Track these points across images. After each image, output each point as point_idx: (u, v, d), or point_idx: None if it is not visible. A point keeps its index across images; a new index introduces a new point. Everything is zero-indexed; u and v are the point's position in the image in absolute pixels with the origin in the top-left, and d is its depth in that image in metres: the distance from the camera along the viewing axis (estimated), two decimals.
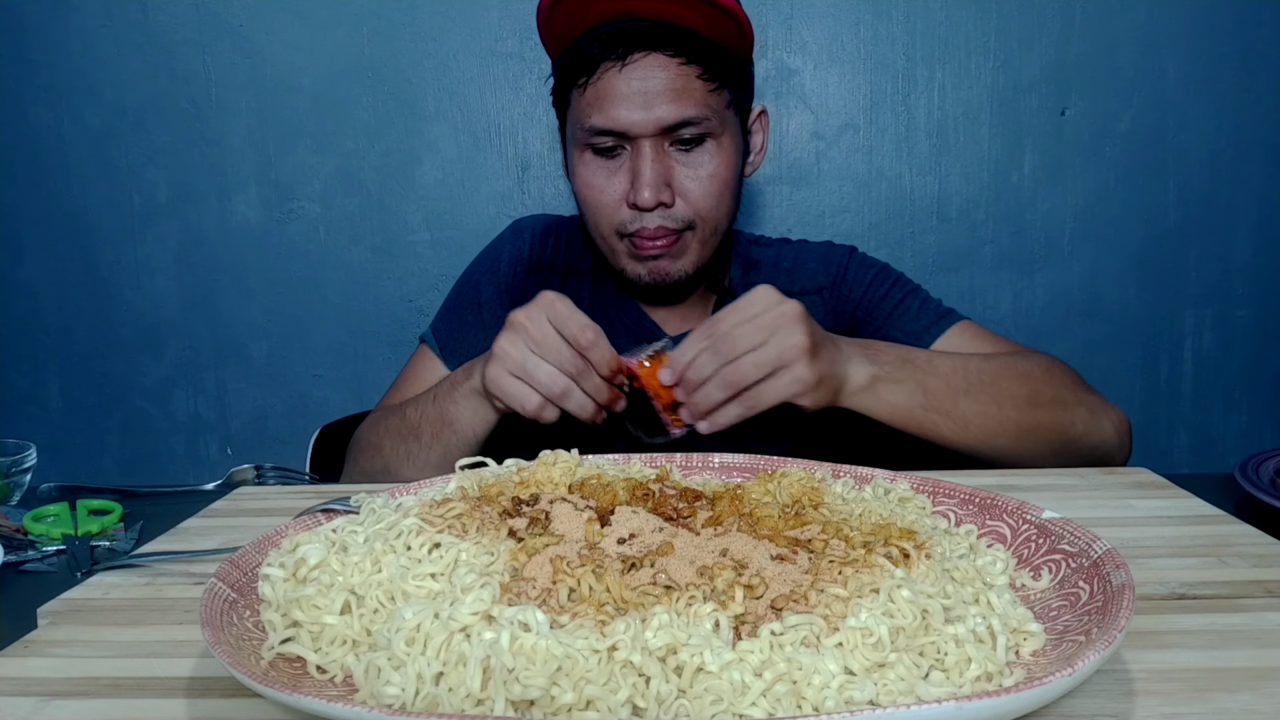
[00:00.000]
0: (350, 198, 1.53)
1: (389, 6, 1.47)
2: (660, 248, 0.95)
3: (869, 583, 0.47)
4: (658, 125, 0.91)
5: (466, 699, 0.39)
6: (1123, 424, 0.90)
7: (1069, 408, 0.87)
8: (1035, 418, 0.85)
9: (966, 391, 0.83)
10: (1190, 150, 1.47)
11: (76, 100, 1.50)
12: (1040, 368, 0.89)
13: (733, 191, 0.98)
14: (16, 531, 0.75)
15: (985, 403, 0.83)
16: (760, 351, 0.75)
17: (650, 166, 0.92)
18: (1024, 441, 0.85)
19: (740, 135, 0.98)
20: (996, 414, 0.84)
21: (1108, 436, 0.88)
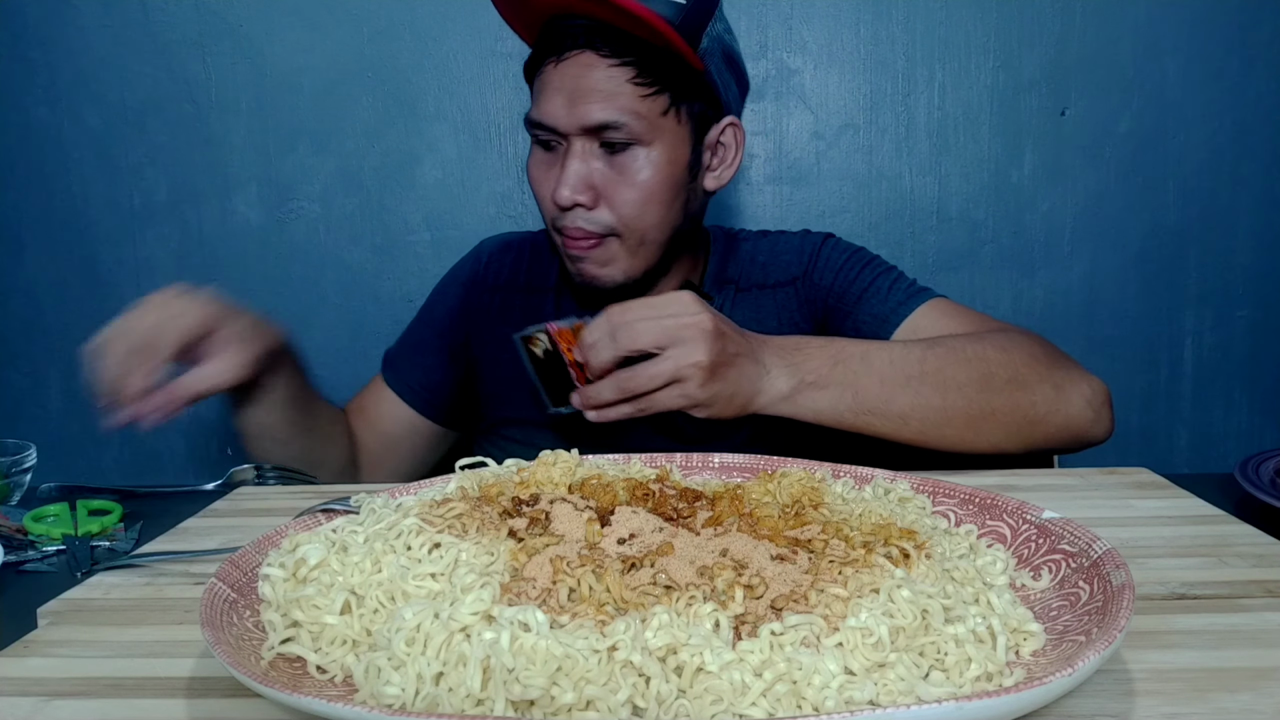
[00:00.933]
0: (350, 198, 1.53)
1: (389, 6, 1.47)
2: (582, 249, 0.94)
3: (869, 583, 0.47)
4: (580, 124, 0.90)
5: (466, 699, 0.39)
6: (1097, 396, 0.85)
7: (1027, 387, 0.83)
8: (986, 402, 0.82)
9: (906, 384, 0.80)
10: (1190, 150, 1.47)
11: (76, 100, 1.50)
12: (997, 347, 0.84)
13: (663, 203, 0.94)
14: (17, 531, 0.75)
15: (927, 394, 0.81)
16: (657, 362, 0.75)
17: (572, 165, 0.91)
18: (975, 429, 0.82)
19: (687, 145, 0.95)
20: (939, 404, 0.81)
21: (1077, 412, 0.84)
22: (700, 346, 0.74)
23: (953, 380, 0.81)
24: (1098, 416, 0.85)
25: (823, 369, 0.80)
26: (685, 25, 0.89)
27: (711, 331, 0.75)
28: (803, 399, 0.80)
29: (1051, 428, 0.84)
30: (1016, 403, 0.82)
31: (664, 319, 0.75)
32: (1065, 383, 0.84)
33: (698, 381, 0.75)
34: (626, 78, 0.89)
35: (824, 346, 0.81)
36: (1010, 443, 0.83)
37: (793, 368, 0.79)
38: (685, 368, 0.74)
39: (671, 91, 0.91)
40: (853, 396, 0.80)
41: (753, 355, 0.78)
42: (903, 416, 0.81)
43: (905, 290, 0.98)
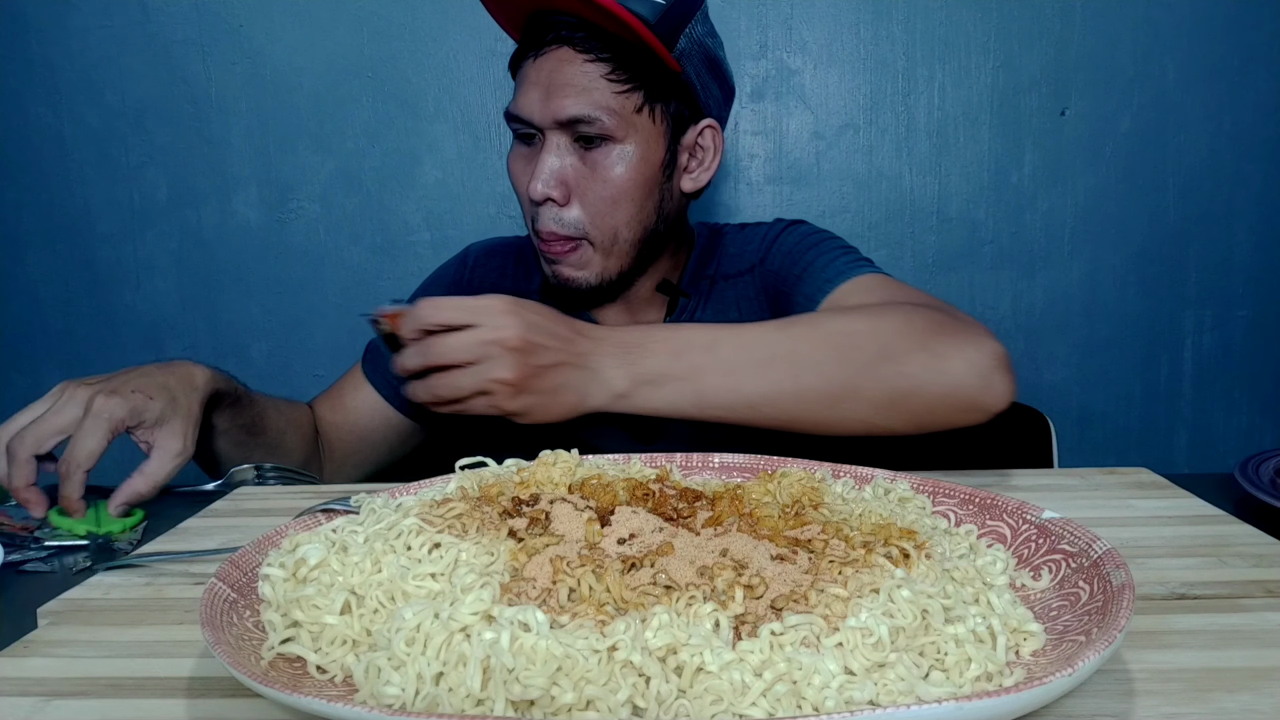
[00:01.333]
0: (350, 198, 1.53)
1: (389, 6, 1.47)
2: (557, 253, 0.95)
3: (869, 583, 0.47)
4: (554, 118, 0.91)
5: (466, 699, 0.39)
6: (985, 360, 0.78)
7: (896, 359, 0.78)
8: (847, 379, 0.77)
9: (755, 369, 0.77)
10: (1190, 150, 1.47)
11: (76, 100, 1.50)
12: (867, 319, 0.81)
13: (635, 201, 0.94)
14: (21, 530, 0.75)
15: (778, 377, 0.77)
16: (461, 374, 0.73)
17: (546, 159, 0.92)
18: (836, 408, 0.78)
19: (662, 145, 0.95)
20: (793, 387, 0.77)
21: (958, 381, 0.78)
22: (503, 362, 0.72)
23: (808, 359, 0.78)
24: (986, 383, 0.78)
25: (661, 364, 0.77)
26: (662, 25, 0.89)
27: (516, 347, 0.73)
28: (639, 397, 0.77)
29: (931, 399, 0.78)
30: (883, 376, 0.78)
31: (472, 331, 0.73)
32: (945, 350, 0.78)
33: (504, 395, 0.73)
34: (601, 73, 0.90)
35: (667, 339, 0.78)
36: (884, 419, 0.79)
37: (629, 366, 0.77)
38: (488, 383, 0.73)
39: (646, 89, 0.92)
40: (694, 389, 0.77)
41: (577, 360, 0.76)
42: (752, 404, 0.78)
43: (839, 265, 0.96)
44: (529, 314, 0.75)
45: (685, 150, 0.98)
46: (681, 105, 0.96)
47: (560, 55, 0.91)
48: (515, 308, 0.74)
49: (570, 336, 0.76)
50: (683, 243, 1.07)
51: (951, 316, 0.83)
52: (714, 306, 1.05)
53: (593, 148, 0.92)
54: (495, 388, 0.73)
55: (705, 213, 1.51)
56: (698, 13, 0.94)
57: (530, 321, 0.74)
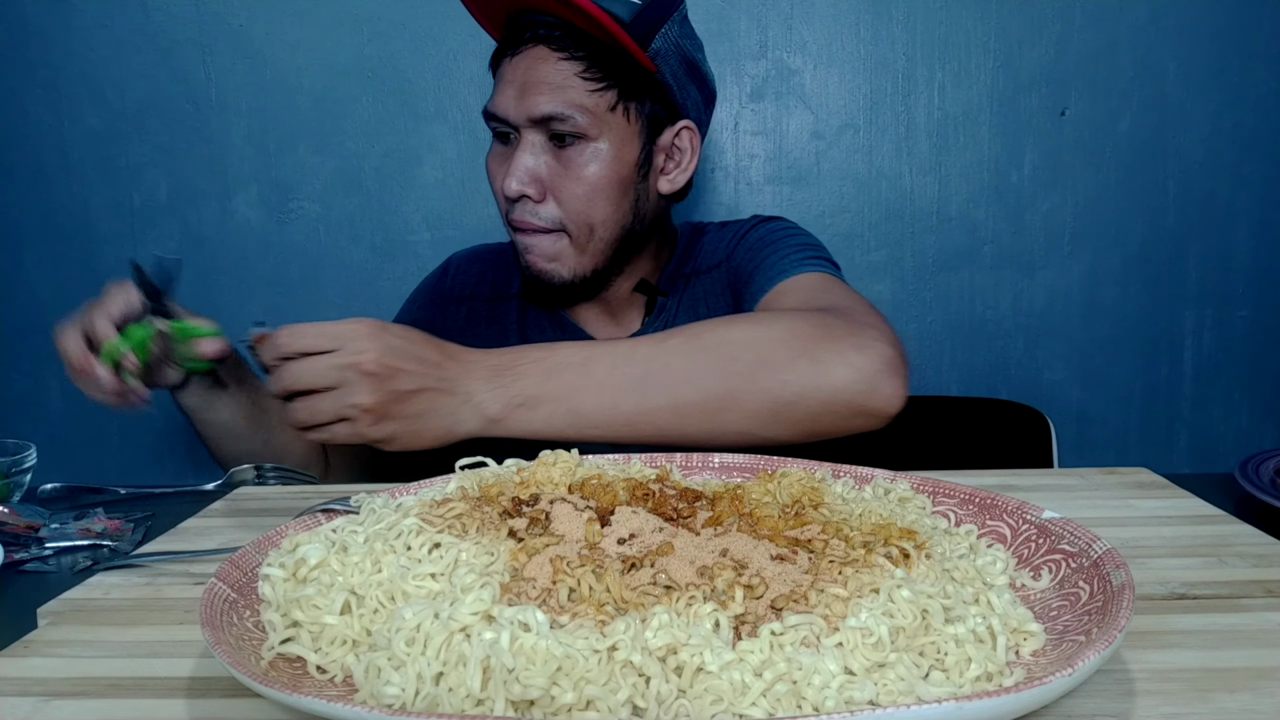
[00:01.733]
0: (350, 198, 1.53)
1: (389, 7, 1.47)
2: (530, 238, 0.96)
3: (869, 583, 0.47)
4: (528, 116, 0.92)
5: (466, 699, 0.39)
6: (871, 364, 0.76)
7: (775, 367, 0.77)
8: (725, 390, 0.76)
9: (630, 387, 0.76)
10: (1190, 150, 1.47)
11: (76, 100, 1.50)
12: (747, 327, 0.79)
13: (609, 199, 0.95)
14: (26, 529, 0.75)
15: (654, 393, 0.76)
16: (320, 399, 0.72)
17: (521, 157, 0.93)
18: (715, 420, 0.77)
19: (637, 144, 0.96)
20: (668, 402, 0.76)
21: (842, 385, 0.76)
22: (361, 387, 0.71)
23: (683, 373, 0.77)
24: (872, 387, 0.76)
25: (534, 386, 0.76)
26: (637, 25, 0.90)
27: (373, 372, 0.71)
28: (513, 421, 0.76)
29: (814, 405, 0.77)
30: (762, 385, 0.76)
31: (328, 356, 0.71)
32: (828, 356, 0.76)
33: (365, 422, 0.72)
34: (575, 71, 0.91)
35: (541, 360, 0.77)
36: (766, 429, 0.78)
37: (501, 389, 0.76)
38: (347, 408, 0.71)
39: (620, 88, 0.93)
40: (569, 411, 0.76)
41: (443, 386, 0.75)
42: (629, 423, 0.77)
43: (784, 263, 0.95)
44: (391, 338, 0.73)
45: (661, 151, 0.99)
46: (657, 105, 0.96)
47: (536, 54, 0.92)
48: (376, 331, 0.72)
49: (437, 361, 0.75)
50: (665, 243, 1.07)
51: (845, 320, 0.80)
52: (686, 303, 1.05)
53: (566, 146, 0.93)
54: (355, 414, 0.71)
55: (706, 213, 1.51)
56: (674, 14, 0.94)
57: (391, 346, 0.72)
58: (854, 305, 0.86)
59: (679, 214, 1.14)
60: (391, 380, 0.72)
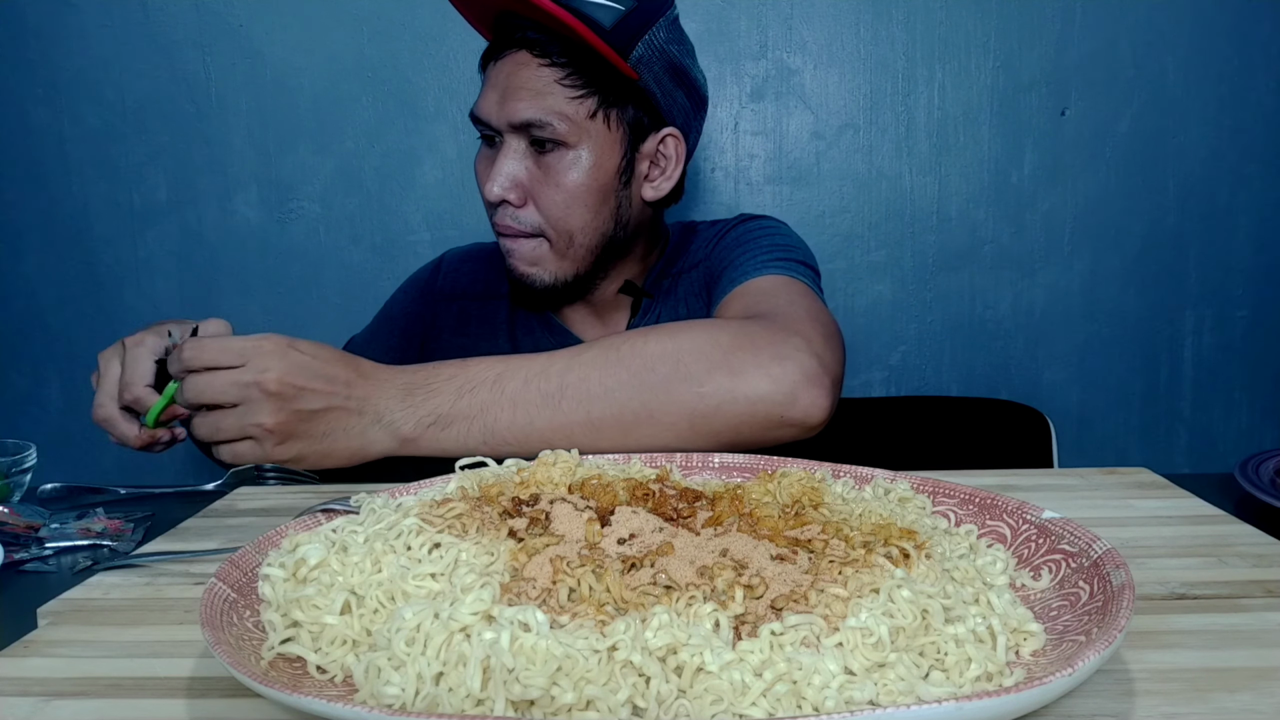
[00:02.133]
0: (350, 198, 1.53)
1: (389, 7, 1.47)
2: (511, 242, 0.97)
3: (869, 583, 0.47)
4: (508, 121, 0.92)
5: (466, 699, 0.39)
6: (791, 375, 0.75)
7: (692, 379, 0.75)
8: (640, 404, 0.75)
9: (544, 403, 0.75)
10: (1190, 150, 1.47)
11: (76, 100, 1.50)
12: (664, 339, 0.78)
13: (588, 207, 0.94)
14: (26, 529, 0.75)
15: (568, 409, 0.75)
16: (223, 415, 0.71)
17: (503, 162, 0.93)
18: (630, 433, 0.76)
19: (618, 151, 0.95)
20: (583, 418, 0.75)
21: (761, 396, 0.75)
22: (262, 407, 0.70)
23: (599, 387, 0.76)
24: (789, 398, 0.75)
25: (446, 405, 0.75)
26: (618, 32, 0.89)
27: (275, 391, 0.70)
28: (426, 440, 0.75)
29: (732, 416, 0.76)
30: (677, 397, 0.75)
31: (231, 372, 0.70)
32: (746, 367, 0.76)
33: (271, 442, 0.71)
34: (555, 78, 0.91)
35: (454, 377, 0.76)
36: (684, 440, 0.77)
37: (412, 408, 0.75)
38: (249, 427, 0.70)
39: (601, 95, 0.92)
40: (483, 428, 0.75)
41: (352, 405, 0.73)
42: (545, 439, 0.75)
43: (751, 265, 0.94)
44: (298, 355, 0.72)
45: (645, 158, 0.98)
46: (640, 112, 0.95)
47: (518, 59, 0.92)
48: (282, 349, 0.71)
49: (347, 379, 0.73)
50: (654, 244, 1.07)
51: (769, 330, 0.79)
52: (669, 302, 1.05)
53: (546, 152, 0.93)
54: (257, 432, 0.71)
55: (706, 213, 1.51)
56: (660, 20, 0.93)
57: (297, 364, 0.71)
58: (792, 312, 0.84)
59: (675, 214, 1.14)
60: (295, 400, 0.71)
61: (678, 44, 0.96)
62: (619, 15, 0.89)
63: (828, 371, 0.77)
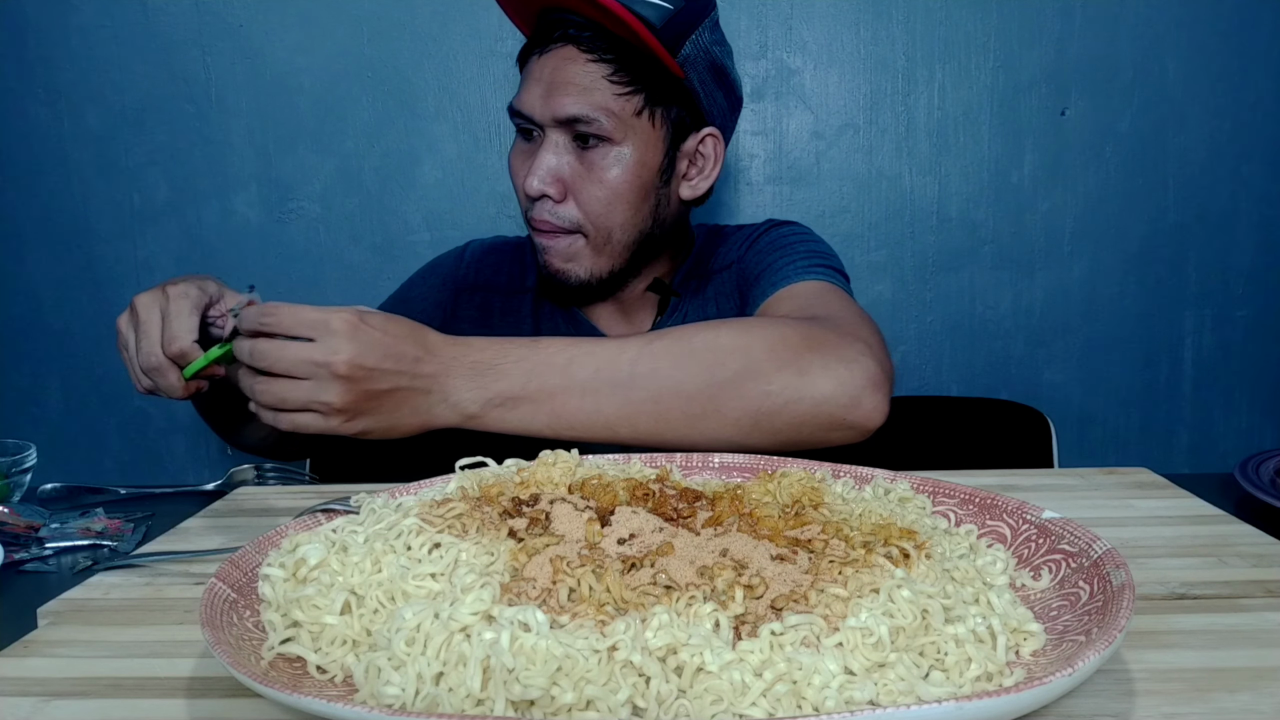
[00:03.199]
0: (350, 198, 1.53)
1: (389, 7, 1.47)
2: (548, 238, 0.96)
3: (869, 583, 0.47)
4: (553, 116, 0.91)
5: (466, 699, 0.39)
6: (856, 379, 0.76)
7: (762, 376, 0.76)
8: (709, 398, 0.76)
9: (613, 390, 0.75)
10: (1190, 150, 1.47)
11: (76, 100, 1.50)
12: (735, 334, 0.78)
13: (629, 204, 0.94)
14: (26, 529, 0.75)
15: (637, 397, 0.75)
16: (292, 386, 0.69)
17: (544, 156, 0.92)
18: (697, 426, 0.76)
19: (660, 149, 0.95)
20: (652, 408, 0.75)
21: (825, 397, 0.76)
22: (329, 388, 0.69)
23: (669, 378, 0.76)
24: (854, 401, 0.76)
25: (515, 387, 0.75)
26: (667, 30, 0.89)
27: (344, 375, 0.69)
28: (491, 419, 0.75)
29: (796, 416, 0.76)
30: (746, 393, 0.76)
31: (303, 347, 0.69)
32: (813, 367, 0.76)
33: (337, 420, 0.70)
34: (603, 74, 0.90)
35: (522, 360, 0.75)
36: (746, 436, 0.77)
37: (480, 389, 0.74)
38: (317, 404, 0.69)
39: (648, 93, 0.92)
40: (549, 412, 0.75)
41: (421, 384, 0.73)
42: (609, 425, 0.76)
43: (789, 270, 0.95)
44: (370, 332, 0.71)
45: (685, 157, 0.98)
46: (683, 111, 0.96)
47: (564, 54, 0.91)
48: (355, 329, 0.70)
49: (417, 356, 0.73)
50: (681, 246, 1.07)
51: (834, 332, 0.80)
52: (698, 303, 1.05)
53: (590, 148, 0.92)
54: (324, 409, 0.70)
55: (706, 213, 1.51)
56: (706, 20, 0.94)
57: (369, 343, 0.70)
58: (848, 317, 0.85)
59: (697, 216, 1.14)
60: (363, 382, 0.70)
61: (720, 44, 0.97)
62: (668, 14, 0.89)
63: (888, 377, 0.79)
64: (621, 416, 0.76)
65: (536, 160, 0.92)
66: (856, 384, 0.76)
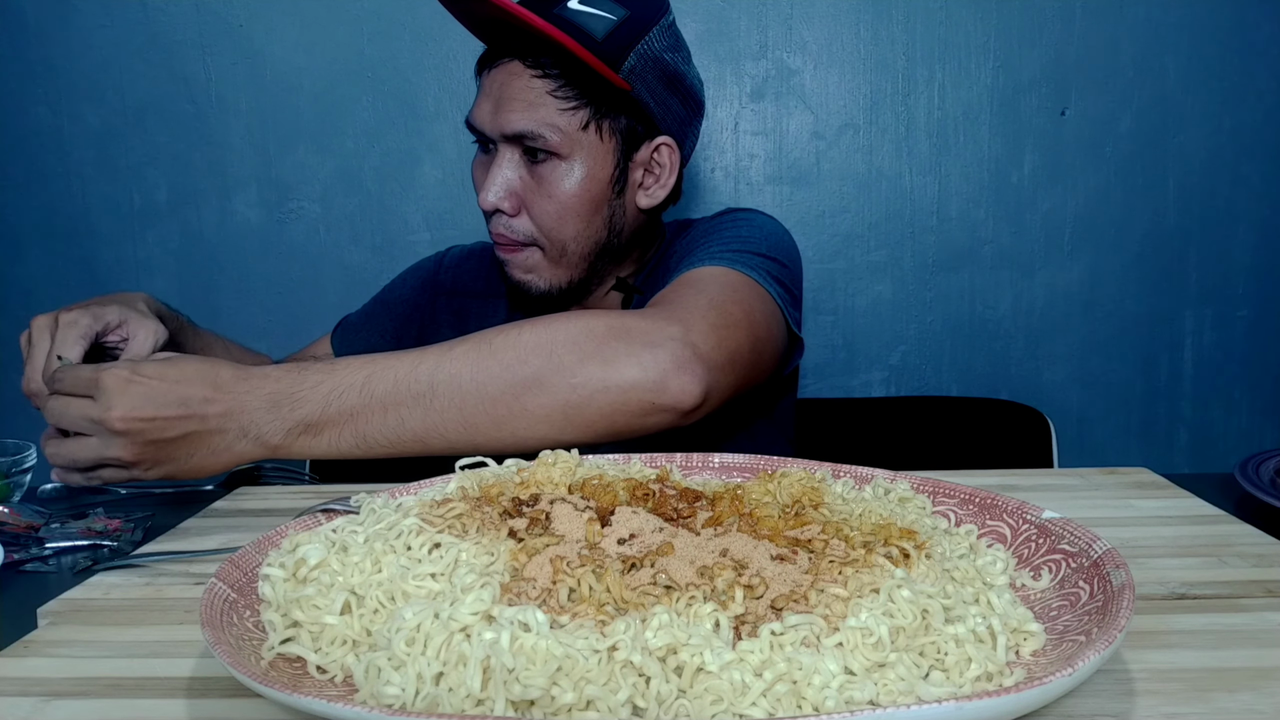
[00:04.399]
0: (350, 198, 1.53)
1: (389, 6, 1.47)
2: (506, 253, 0.97)
3: (869, 583, 0.47)
4: (500, 132, 0.92)
5: (466, 699, 0.39)
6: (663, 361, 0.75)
7: (564, 370, 0.75)
8: (514, 398, 0.74)
9: (415, 403, 0.74)
10: (1190, 150, 1.47)
11: (76, 100, 1.50)
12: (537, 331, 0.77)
13: (581, 217, 0.95)
14: (26, 529, 0.75)
15: (440, 407, 0.74)
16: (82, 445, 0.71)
17: (496, 171, 0.93)
18: (506, 428, 0.75)
19: (611, 161, 0.95)
20: (457, 416, 0.74)
21: (632, 382, 0.75)
22: (112, 443, 0.69)
23: (471, 383, 0.74)
24: (660, 385, 0.75)
25: (314, 412, 0.72)
26: (609, 43, 0.89)
27: (121, 431, 0.69)
28: (297, 446, 0.73)
29: (605, 406, 0.75)
30: (551, 388, 0.75)
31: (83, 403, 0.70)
32: (618, 356, 0.75)
33: (137, 470, 0.71)
34: (547, 89, 0.90)
35: (319, 385, 0.73)
36: (560, 432, 0.76)
37: (280, 419, 0.72)
38: (109, 458, 0.70)
39: (594, 106, 0.92)
40: (354, 433, 0.73)
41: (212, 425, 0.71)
42: (419, 438, 0.74)
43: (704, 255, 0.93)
44: (145, 384, 0.70)
45: (639, 166, 0.98)
46: (633, 121, 0.95)
47: (511, 69, 0.92)
48: (125, 383, 0.69)
49: (205, 397, 0.71)
50: (650, 246, 1.07)
51: (647, 319, 0.79)
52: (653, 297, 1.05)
53: (539, 162, 0.93)
54: (116, 463, 0.71)
55: (706, 214, 1.50)
56: (655, 26, 0.92)
57: (142, 395, 0.69)
58: (691, 301, 0.83)
59: (674, 213, 1.14)
60: (146, 433, 0.69)
61: (673, 50, 0.95)
62: (611, 25, 0.88)
63: (700, 358, 0.77)
64: (428, 427, 0.74)
65: (490, 175, 0.93)
66: (661, 367, 0.75)
